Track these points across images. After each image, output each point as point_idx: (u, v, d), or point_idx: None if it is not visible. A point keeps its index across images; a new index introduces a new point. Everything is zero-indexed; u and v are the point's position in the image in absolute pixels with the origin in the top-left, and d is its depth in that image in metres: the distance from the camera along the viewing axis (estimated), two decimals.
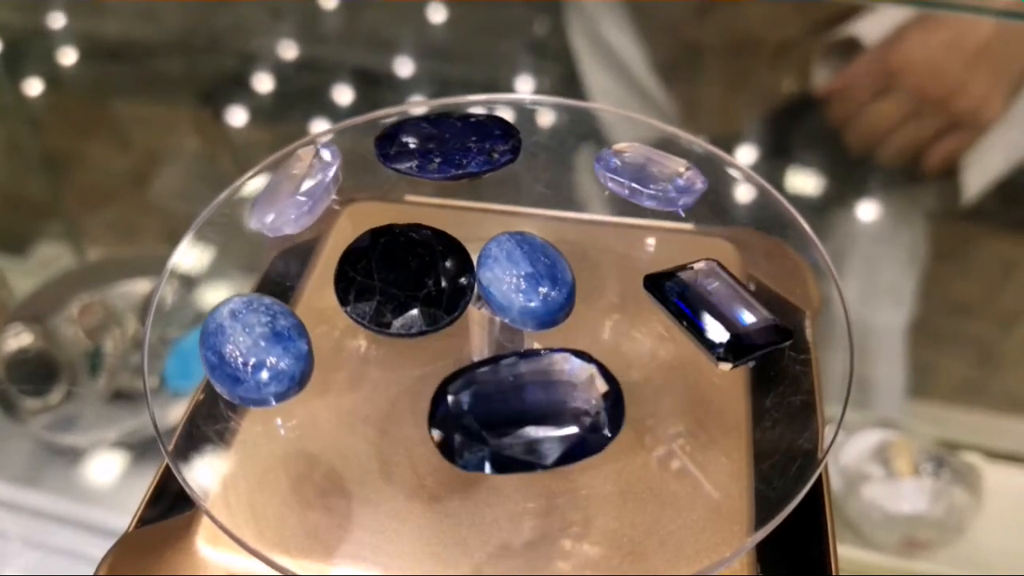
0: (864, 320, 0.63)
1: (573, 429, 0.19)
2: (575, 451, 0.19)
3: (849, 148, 0.60)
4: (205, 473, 0.23)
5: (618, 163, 0.26)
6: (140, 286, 0.59)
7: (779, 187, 0.28)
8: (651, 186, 0.25)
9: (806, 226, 0.27)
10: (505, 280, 0.21)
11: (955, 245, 0.70)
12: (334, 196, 0.26)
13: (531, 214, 0.30)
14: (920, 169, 0.60)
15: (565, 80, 0.68)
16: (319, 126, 0.69)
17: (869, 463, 0.52)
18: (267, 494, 0.23)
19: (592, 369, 0.20)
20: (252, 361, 0.21)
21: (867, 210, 0.65)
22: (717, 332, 0.22)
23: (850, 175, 0.64)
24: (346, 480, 0.23)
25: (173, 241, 0.27)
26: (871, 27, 0.60)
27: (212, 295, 0.30)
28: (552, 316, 0.21)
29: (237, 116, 0.73)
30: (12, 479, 0.50)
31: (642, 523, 0.22)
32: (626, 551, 0.22)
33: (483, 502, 0.22)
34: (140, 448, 0.51)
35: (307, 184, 0.25)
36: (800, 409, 0.25)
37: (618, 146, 0.27)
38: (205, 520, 0.23)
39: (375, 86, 0.75)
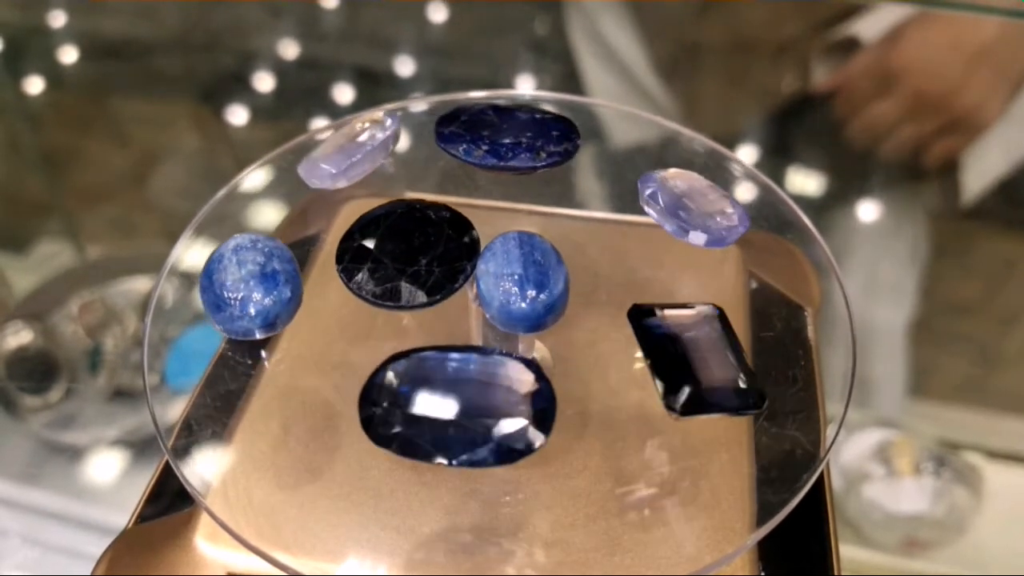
0: (865, 319, 0.63)
1: (487, 436, 0.19)
2: (481, 458, 0.19)
3: (850, 143, 0.60)
4: (204, 470, 0.23)
5: (659, 188, 0.24)
6: (140, 284, 0.59)
7: (780, 186, 0.28)
8: (685, 216, 0.24)
9: (808, 223, 0.27)
10: (493, 276, 0.21)
11: (956, 244, 0.70)
12: (387, 159, 0.26)
13: (529, 211, 0.30)
14: (919, 167, 0.60)
15: (565, 79, 0.68)
16: (319, 124, 0.69)
17: (870, 462, 0.52)
18: (266, 491, 0.23)
19: (531, 385, 0.19)
20: (233, 295, 0.22)
21: (868, 209, 0.65)
22: (677, 380, 0.21)
23: (851, 173, 0.64)
24: (345, 477, 0.23)
25: (173, 239, 0.27)
26: (871, 26, 0.60)
27: None
28: (530, 320, 0.21)
29: (237, 114, 0.73)
30: (12, 477, 0.50)
31: (643, 521, 0.22)
32: (626, 549, 0.22)
33: (482, 498, 0.22)
34: (140, 446, 0.51)
35: (353, 145, 0.25)
36: (801, 408, 0.25)
37: (668, 171, 0.25)
38: (204, 517, 0.23)
39: (375, 85, 0.75)
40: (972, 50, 0.57)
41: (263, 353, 0.26)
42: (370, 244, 0.22)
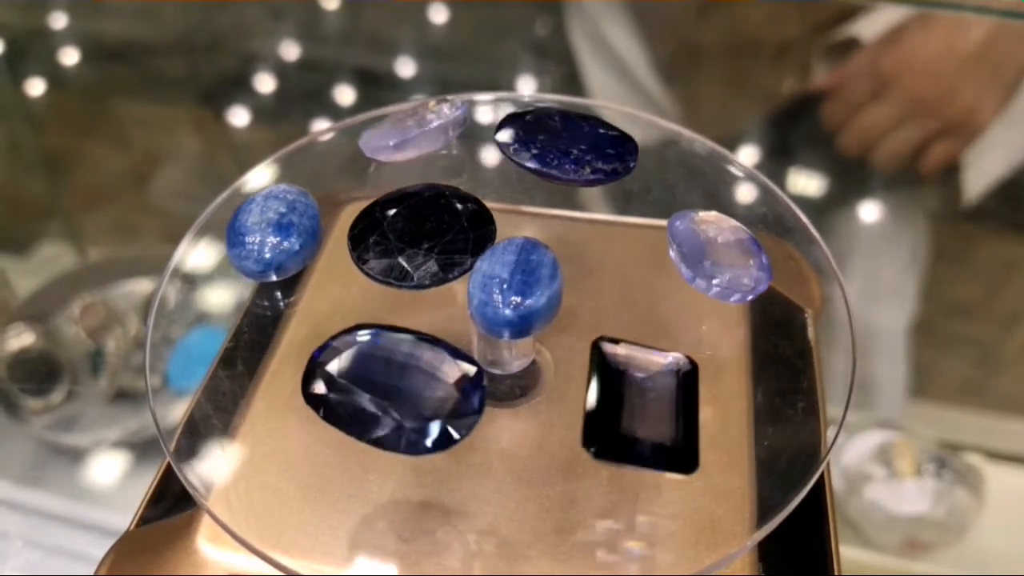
0: (865, 321, 0.63)
1: (400, 424, 0.19)
2: (390, 443, 0.20)
3: (844, 150, 0.60)
4: (206, 472, 0.23)
5: (686, 230, 0.24)
6: (141, 286, 0.59)
7: (780, 187, 0.28)
8: (699, 266, 0.23)
9: (809, 225, 0.27)
10: (481, 276, 0.21)
11: (956, 246, 0.70)
12: (451, 144, 0.27)
13: (524, 212, 0.30)
14: (915, 171, 0.60)
15: (566, 80, 0.68)
16: (320, 126, 0.69)
17: (871, 464, 0.52)
18: (268, 493, 0.23)
19: (461, 387, 0.20)
20: (247, 236, 0.23)
21: (868, 210, 0.65)
22: (603, 423, 0.20)
23: (851, 175, 0.64)
24: (347, 479, 0.23)
25: (174, 241, 0.27)
26: (871, 27, 0.60)
27: (214, 294, 0.30)
28: (499, 326, 0.21)
29: (238, 116, 0.73)
30: (14, 478, 0.50)
31: (642, 522, 0.22)
32: (625, 550, 0.22)
33: (484, 501, 0.22)
34: (141, 448, 0.51)
35: (413, 124, 0.26)
36: (802, 409, 0.25)
37: (705, 214, 0.24)
38: (206, 519, 0.23)
39: (376, 86, 0.75)
40: (967, 55, 0.57)
41: (289, 298, 0.27)
42: (384, 219, 0.23)
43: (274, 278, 0.24)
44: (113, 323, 0.56)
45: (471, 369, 0.20)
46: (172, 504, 0.25)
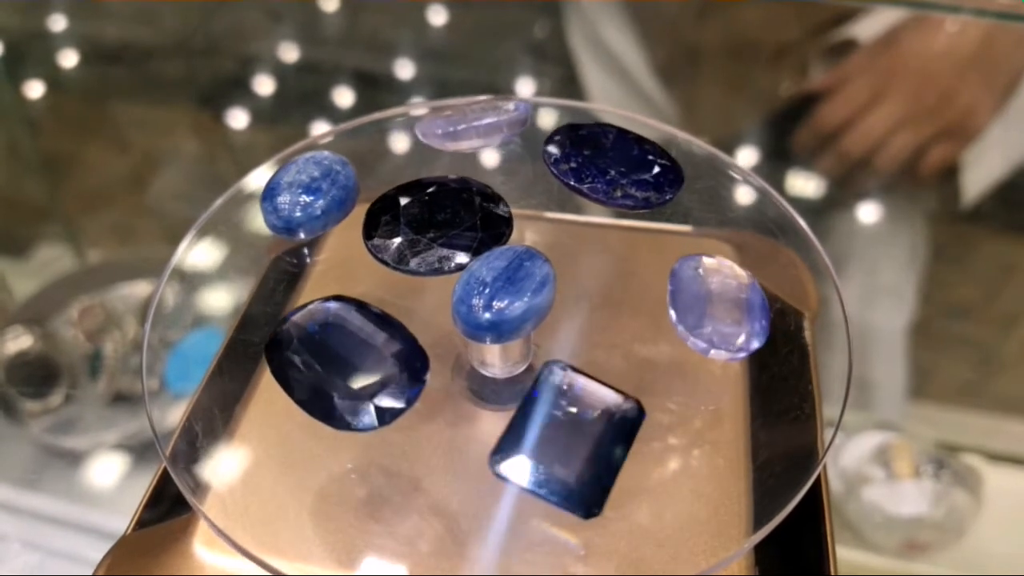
0: (864, 322, 0.63)
1: (330, 395, 0.20)
2: (317, 411, 0.20)
3: (843, 152, 0.60)
4: (202, 476, 0.23)
5: (689, 276, 0.23)
6: (140, 288, 0.59)
7: (779, 189, 0.28)
8: (690, 318, 0.22)
9: (806, 227, 0.27)
10: (468, 274, 0.21)
11: (955, 247, 0.70)
12: (512, 139, 0.27)
13: (553, 219, 0.30)
14: (914, 173, 0.60)
15: (565, 82, 0.68)
16: (319, 128, 0.69)
17: (869, 465, 0.52)
18: (264, 497, 0.23)
19: (398, 375, 0.20)
20: (278, 193, 0.24)
21: (867, 212, 0.65)
22: (516, 444, 0.19)
23: (850, 177, 0.64)
24: (344, 483, 0.23)
25: (173, 243, 0.27)
26: (869, 29, 0.60)
27: (212, 297, 0.30)
28: (470, 327, 0.21)
29: (237, 118, 0.73)
30: (12, 481, 0.50)
31: (640, 525, 0.22)
32: (623, 553, 0.22)
33: (481, 505, 0.22)
34: (139, 450, 0.51)
35: (469, 117, 0.26)
36: (799, 410, 0.25)
37: (717, 261, 0.23)
38: (202, 523, 0.23)
39: (375, 88, 0.75)
40: (966, 57, 0.57)
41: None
42: (403, 201, 0.23)
43: (302, 236, 0.24)
44: (111, 326, 0.56)
45: (416, 362, 0.20)
46: (169, 507, 0.25)
